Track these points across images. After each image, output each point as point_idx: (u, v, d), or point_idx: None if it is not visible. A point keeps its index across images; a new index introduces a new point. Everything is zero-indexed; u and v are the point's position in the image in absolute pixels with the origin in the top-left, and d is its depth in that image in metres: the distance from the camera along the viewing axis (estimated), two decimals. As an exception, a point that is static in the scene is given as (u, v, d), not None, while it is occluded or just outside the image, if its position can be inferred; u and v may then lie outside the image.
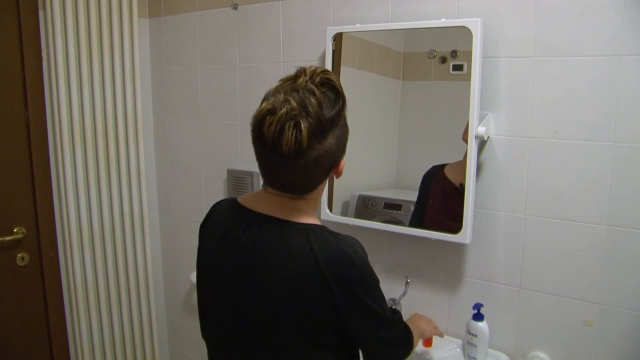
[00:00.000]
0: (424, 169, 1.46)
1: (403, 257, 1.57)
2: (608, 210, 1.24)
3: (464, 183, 1.38)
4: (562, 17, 1.24)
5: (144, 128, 2.05)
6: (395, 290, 1.53)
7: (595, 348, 1.30)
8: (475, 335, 1.37)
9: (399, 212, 1.52)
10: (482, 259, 1.44)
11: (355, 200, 1.60)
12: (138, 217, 2.04)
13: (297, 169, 0.87)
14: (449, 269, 1.50)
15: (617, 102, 1.20)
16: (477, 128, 1.31)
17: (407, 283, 1.47)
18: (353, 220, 1.57)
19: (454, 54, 1.36)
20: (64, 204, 1.86)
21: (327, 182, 0.99)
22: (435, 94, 1.42)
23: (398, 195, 1.54)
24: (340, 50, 1.55)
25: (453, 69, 1.36)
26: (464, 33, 1.30)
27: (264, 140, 0.85)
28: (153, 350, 2.15)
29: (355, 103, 1.19)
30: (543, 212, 1.33)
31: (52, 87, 1.80)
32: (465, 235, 1.35)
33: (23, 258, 1.87)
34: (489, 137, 1.37)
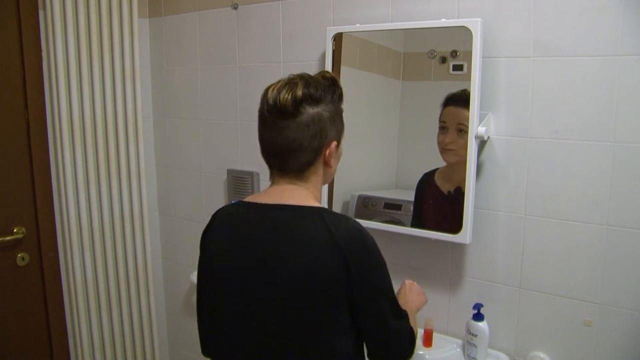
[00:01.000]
0: (424, 169, 1.46)
1: (403, 257, 1.57)
2: (608, 210, 1.24)
3: (452, 190, 1.40)
4: (561, 17, 1.24)
5: (144, 128, 2.05)
6: (395, 291, 1.52)
7: (595, 348, 1.30)
8: (475, 335, 1.37)
9: (399, 212, 1.52)
10: (482, 259, 1.44)
11: (355, 200, 1.60)
12: (138, 217, 2.04)
13: (292, 130, 0.95)
14: (449, 269, 1.50)
15: (617, 102, 1.20)
16: (477, 128, 1.31)
17: None
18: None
19: (454, 54, 1.36)
20: (64, 204, 1.86)
21: (322, 170, 1.03)
22: (435, 94, 1.42)
23: (398, 195, 1.54)
24: (340, 50, 1.55)
25: (453, 69, 1.36)
26: (464, 33, 1.30)
27: (267, 102, 0.96)
28: (153, 350, 2.15)
29: (356, 103, 1.19)
30: (543, 212, 1.33)
31: (52, 87, 1.80)
32: (465, 235, 1.35)
33: (23, 258, 1.87)
34: (489, 137, 1.37)
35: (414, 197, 1.48)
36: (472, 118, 1.30)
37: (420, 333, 1.49)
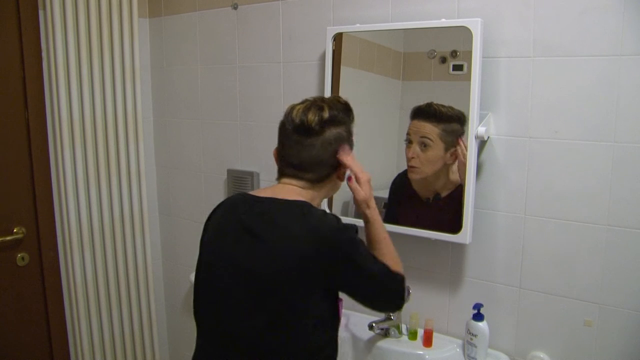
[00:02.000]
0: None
1: (403, 257, 1.56)
2: (608, 210, 1.24)
3: (431, 198, 1.43)
4: (562, 17, 1.24)
5: (144, 128, 2.05)
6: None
7: (595, 348, 1.30)
8: (475, 335, 1.37)
9: (399, 212, 1.52)
10: (482, 259, 1.44)
11: (355, 200, 1.60)
12: (138, 217, 2.04)
13: (315, 148, 1.09)
14: (449, 269, 1.50)
15: (617, 102, 1.20)
16: (477, 128, 1.31)
17: (408, 293, 1.47)
18: (353, 220, 1.56)
19: (454, 54, 1.36)
20: (64, 204, 1.86)
21: (334, 182, 1.16)
22: (435, 94, 1.42)
23: (398, 195, 1.53)
24: (340, 50, 1.55)
25: (453, 69, 1.36)
26: (464, 33, 1.30)
27: (292, 121, 1.09)
28: (153, 350, 2.15)
29: (355, 103, 1.20)
30: (543, 212, 1.33)
31: (52, 87, 1.80)
32: (465, 235, 1.35)
33: (23, 258, 1.87)
34: (489, 137, 1.37)
35: (388, 195, 1.52)
36: (472, 118, 1.30)
37: (420, 333, 1.49)
